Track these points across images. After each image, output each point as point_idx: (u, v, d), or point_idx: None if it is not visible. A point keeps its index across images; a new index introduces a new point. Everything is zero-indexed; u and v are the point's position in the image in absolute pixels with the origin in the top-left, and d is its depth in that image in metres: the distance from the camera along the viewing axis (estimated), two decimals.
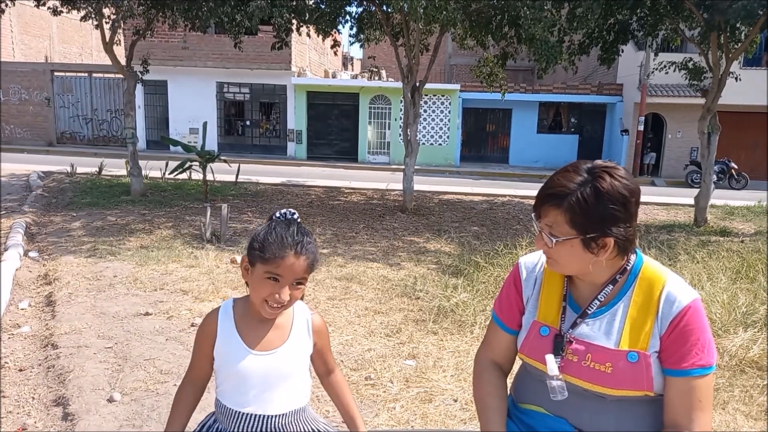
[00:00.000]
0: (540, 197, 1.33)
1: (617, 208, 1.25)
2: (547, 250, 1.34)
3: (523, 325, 1.47)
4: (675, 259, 6.47)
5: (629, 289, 1.34)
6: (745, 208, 12.06)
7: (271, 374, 1.49)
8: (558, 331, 1.37)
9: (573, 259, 1.31)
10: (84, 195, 10.19)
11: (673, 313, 1.28)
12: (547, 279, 1.45)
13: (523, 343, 1.44)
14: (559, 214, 1.27)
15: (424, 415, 3.13)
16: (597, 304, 1.35)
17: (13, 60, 21.38)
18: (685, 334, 1.26)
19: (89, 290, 5.07)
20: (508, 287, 1.52)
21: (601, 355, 1.30)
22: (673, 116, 19.39)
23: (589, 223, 1.25)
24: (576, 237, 1.27)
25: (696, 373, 1.26)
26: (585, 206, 1.25)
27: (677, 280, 1.33)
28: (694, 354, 1.26)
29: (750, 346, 3.87)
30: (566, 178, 1.29)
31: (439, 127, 20.86)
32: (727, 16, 8.54)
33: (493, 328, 1.54)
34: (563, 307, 1.39)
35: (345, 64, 33.74)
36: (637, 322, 1.30)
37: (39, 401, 3.22)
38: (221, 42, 18.46)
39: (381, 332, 4.31)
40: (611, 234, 1.26)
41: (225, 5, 9.51)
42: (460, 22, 9.30)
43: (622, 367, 1.28)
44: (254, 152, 20.69)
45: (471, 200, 12.57)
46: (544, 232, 1.32)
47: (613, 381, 1.28)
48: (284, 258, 1.41)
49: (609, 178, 1.26)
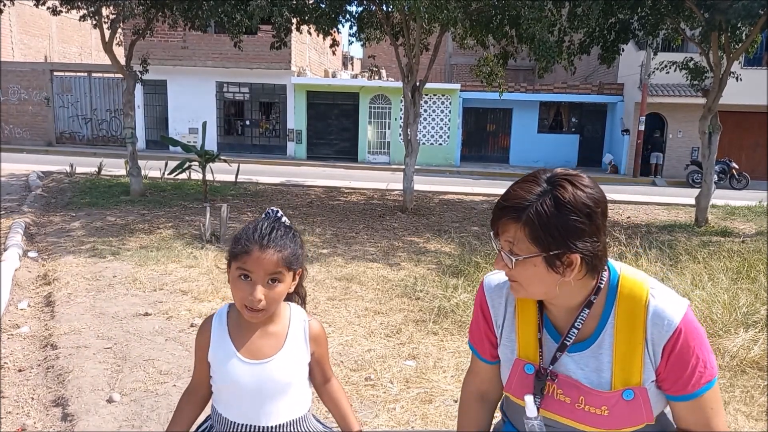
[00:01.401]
0: (496, 210, 1.19)
1: (581, 219, 1.11)
2: (508, 272, 1.20)
3: (503, 360, 1.34)
4: (676, 260, 6.46)
5: (610, 313, 1.20)
6: (746, 208, 12.05)
7: (266, 385, 1.43)
8: (538, 368, 1.25)
9: (537, 281, 1.17)
10: (83, 195, 10.18)
11: (665, 337, 1.15)
12: (521, 305, 1.30)
13: (507, 382, 1.33)
14: (519, 229, 1.14)
15: (425, 416, 3.12)
16: (575, 333, 1.21)
17: (13, 60, 21.37)
18: (684, 358, 1.16)
19: (88, 290, 5.06)
20: (477, 315, 1.39)
21: (595, 399, 1.19)
22: (674, 116, 19.38)
23: (551, 237, 1.12)
24: (538, 255, 1.13)
25: (703, 392, 1.17)
26: (546, 219, 1.11)
27: (662, 292, 1.19)
28: (698, 375, 1.16)
29: (751, 347, 3.86)
30: (524, 189, 1.15)
31: (440, 127, 20.85)
32: (728, 16, 8.53)
33: (473, 359, 1.45)
34: (539, 339, 1.27)
35: (345, 64, 33.73)
36: (626, 356, 1.18)
37: (38, 401, 3.21)
38: (221, 41, 18.45)
39: (381, 333, 4.30)
40: (576, 250, 1.12)
41: (224, 4, 9.51)
42: (461, 22, 9.29)
43: (619, 407, 1.18)
44: (254, 152, 20.68)
45: (471, 200, 12.56)
46: (504, 251, 1.18)
47: (612, 422, 1.19)
48: (250, 252, 1.36)
49: (571, 187, 1.13)
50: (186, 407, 1.55)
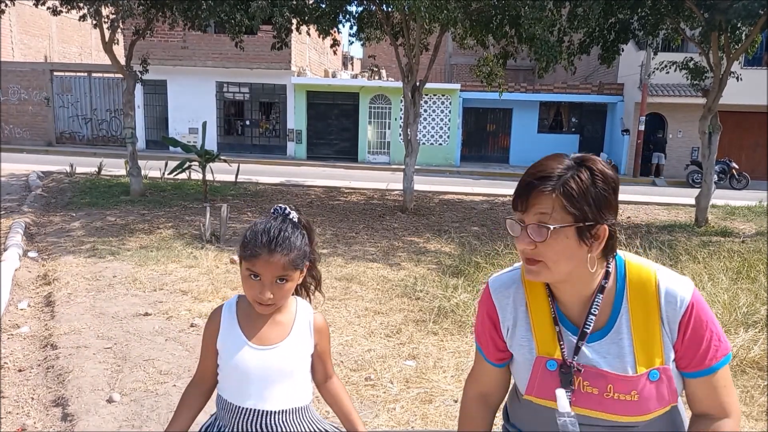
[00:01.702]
0: (526, 184, 1.17)
1: (610, 192, 1.17)
2: (532, 251, 1.17)
3: (520, 362, 1.31)
4: (676, 260, 6.47)
5: (623, 298, 1.22)
6: (746, 208, 12.05)
7: (272, 369, 1.48)
8: (562, 362, 1.23)
9: (565, 256, 1.16)
10: (83, 195, 10.18)
11: (679, 314, 1.19)
12: (532, 301, 1.29)
13: (529, 384, 1.28)
14: (555, 199, 1.14)
15: (425, 416, 3.12)
16: (593, 320, 1.22)
17: (13, 60, 21.36)
18: (699, 333, 1.19)
19: (88, 290, 5.06)
20: (482, 319, 1.37)
21: (624, 385, 1.19)
22: (674, 116, 19.38)
23: (586, 206, 1.14)
24: (572, 225, 1.14)
25: (719, 367, 1.20)
26: (582, 188, 1.14)
27: (668, 273, 1.23)
28: (714, 348, 1.19)
29: (751, 347, 3.86)
30: (554, 163, 1.18)
31: (440, 127, 20.85)
32: (728, 16, 8.54)
33: (478, 358, 1.42)
34: (558, 331, 1.25)
35: (345, 64, 33.73)
36: (646, 338, 1.20)
37: (38, 402, 3.21)
38: (221, 41, 18.46)
39: (381, 333, 4.30)
40: (606, 221, 1.16)
41: (224, 4, 9.50)
42: (461, 22, 9.29)
43: (647, 390, 1.19)
44: (254, 152, 20.68)
45: (471, 200, 12.56)
46: (531, 226, 1.16)
47: (642, 408, 1.19)
48: (258, 256, 1.42)
49: (599, 163, 1.19)
50: (191, 398, 1.59)
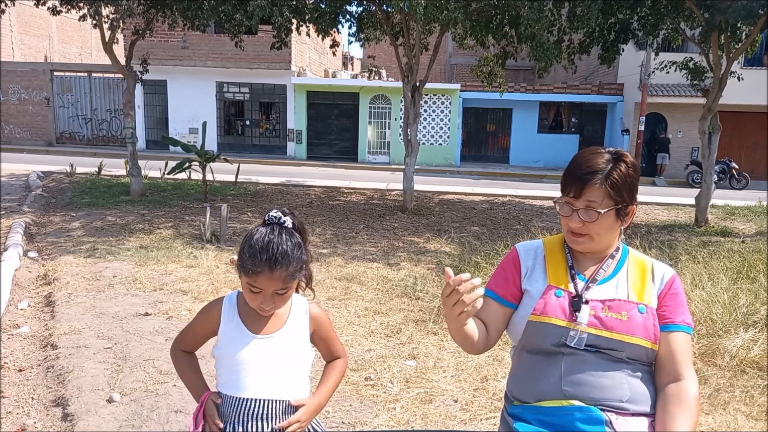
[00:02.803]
0: (579, 177, 1.48)
1: (637, 178, 1.52)
2: (581, 228, 1.49)
3: (530, 293, 1.56)
4: (676, 260, 6.46)
5: (624, 262, 1.57)
6: (746, 208, 12.04)
7: (269, 357, 1.53)
8: (574, 294, 1.50)
9: (607, 231, 1.50)
10: (83, 195, 10.18)
11: (665, 279, 1.54)
12: (550, 255, 1.60)
13: (537, 305, 1.52)
14: (602, 191, 1.46)
15: (425, 416, 3.12)
16: (602, 273, 1.53)
17: (13, 60, 21.36)
18: (675, 296, 1.52)
19: (89, 290, 5.06)
20: (506, 265, 1.65)
21: (617, 306, 1.48)
22: (674, 116, 19.38)
23: (627, 192, 1.49)
24: (614, 208, 1.48)
25: (684, 329, 1.49)
26: (624, 178, 1.48)
27: (659, 262, 1.59)
28: (683, 313, 1.50)
29: (750, 347, 3.86)
30: (597, 159, 1.49)
31: (440, 127, 20.85)
32: (727, 16, 8.53)
33: (484, 300, 1.54)
34: (572, 274, 1.54)
35: (345, 64, 33.73)
36: (638, 284, 1.52)
37: (38, 401, 3.21)
38: (221, 41, 18.46)
39: (381, 332, 4.31)
40: (635, 202, 1.53)
41: (224, 4, 9.50)
42: (461, 22, 9.29)
43: (635, 315, 1.46)
44: (254, 152, 20.68)
45: (471, 200, 12.56)
46: (581, 210, 1.47)
47: (629, 327, 1.45)
48: (259, 274, 1.46)
49: (628, 156, 1.52)
50: (191, 361, 1.69)
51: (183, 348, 1.68)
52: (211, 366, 1.68)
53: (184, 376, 1.67)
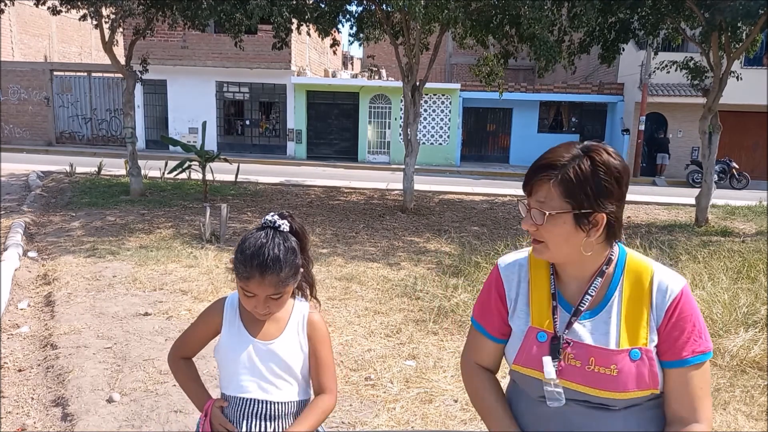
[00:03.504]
0: (532, 170, 1.27)
1: (611, 182, 1.22)
2: (534, 231, 1.28)
3: (515, 333, 1.37)
4: (676, 259, 6.46)
5: (618, 282, 1.30)
6: (746, 208, 12.04)
7: (271, 363, 1.53)
8: (553, 334, 1.30)
9: (563, 239, 1.25)
10: (83, 195, 10.18)
11: (667, 302, 1.25)
12: (534, 278, 1.37)
13: (518, 354, 1.34)
14: (553, 187, 1.23)
15: (425, 416, 3.12)
16: (589, 300, 1.29)
17: (13, 60, 21.35)
18: (681, 323, 1.25)
19: (88, 290, 5.06)
20: (488, 291, 1.43)
21: (604, 358, 1.25)
22: (674, 116, 19.37)
23: (584, 195, 1.21)
24: (569, 211, 1.22)
25: (695, 361, 1.24)
26: (581, 177, 1.21)
27: (664, 269, 1.30)
28: (693, 341, 1.24)
29: (751, 347, 3.86)
30: (560, 151, 1.26)
31: (440, 127, 20.85)
32: (726, 15, 8.54)
33: (475, 334, 1.45)
34: (554, 306, 1.32)
35: (345, 64, 33.72)
36: (633, 317, 1.26)
37: (38, 401, 3.21)
38: (221, 41, 18.45)
39: (381, 332, 4.30)
40: (603, 210, 1.22)
41: (224, 4, 9.50)
42: (461, 21, 9.29)
43: (627, 367, 1.23)
44: (254, 152, 20.67)
45: (471, 200, 12.56)
46: (534, 210, 1.26)
47: (620, 384, 1.23)
48: (250, 278, 1.45)
49: (605, 153, 1.24)
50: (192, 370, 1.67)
51: (183, 353, 1.67)
52: (211, 366, 1.69)
53: (185, 386, 1.66)
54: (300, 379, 1.58)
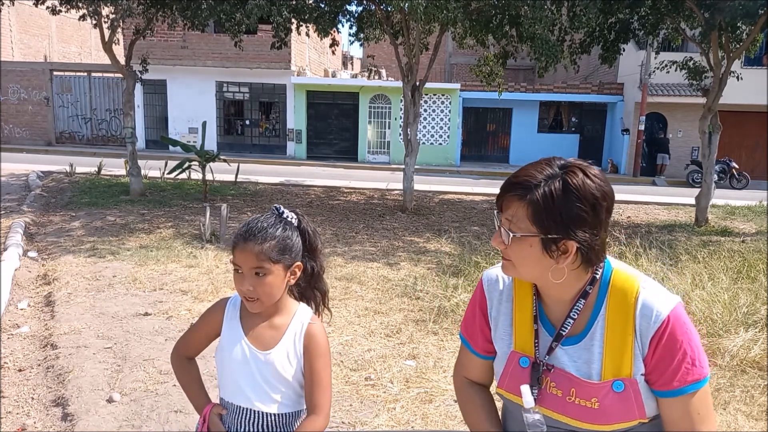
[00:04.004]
0: (504, 186, 1.21)
1: (585, 209, 1.12)
2: (503, 249, 1.21)
3: (498, 355, 1.32)
4: (676, 259, 6.46)
5: (602, 306, 1.20)
6: (746, 208, 12.05)
7: (267, 373, 1.49)
8: (534, 360, 1.24)
9: (530, 262, 1.17)
10: (83, 195, 10.18)
11: (653, 328, 1.15)
12: (518, 298, 1.30)
13: (501, 377, 1.30)
14: (521, 207, 1.15)
15: (425, 416, 3.12)
16: (571, 323, 1.21)
17: (12, 59, 21.35)
18: (670, 350, 1.14)
19: (88, 290, 5.06)
20: (473, 308, 1.38)
21: (585, 390, 1.18)
22: (674, 116, 19.38)
23: (551, 221, 1.13)
24: (536, 235, 1.14)
25: (689, 390, 1.15)
26: (550, 201, 1.12)
27: (652, 287, 1.19)
28: (684, 370, 1.14)
29: (751, 347, 3.86)
30: (536, 169, 1.17)
31: (440, 127, 20.85)
32: (725, 15, 8.54)
33: (463, 349, 1.43)
34: (535, 330, 1.26)
35: (345, 64, 33.72)
36: (616, 346, 1.17)
37: (38, 401, 3.21)
38: (221, 41, 18.45)
39: (381, 332, 4.30)
40: (574, 238, 1.13)
41: (224, 4, 9.50)
42: (461, 21, 9.29)
43: (609, 400, 1.16)
44: (254, 152, 20.67)
45: (471, 200, 12.56)
46: (503, 227, 1.19)
47: (602, 417, 1.17)
48: (236, 246, 1.45)
49: (582, 175, 1.14)
50: (193, 371, 1.65)
51: (186, 352, 1.65)
52: (211, 366, 1.68)
53: (186, 388, 1.64)
54: (297, 390, 1.54)
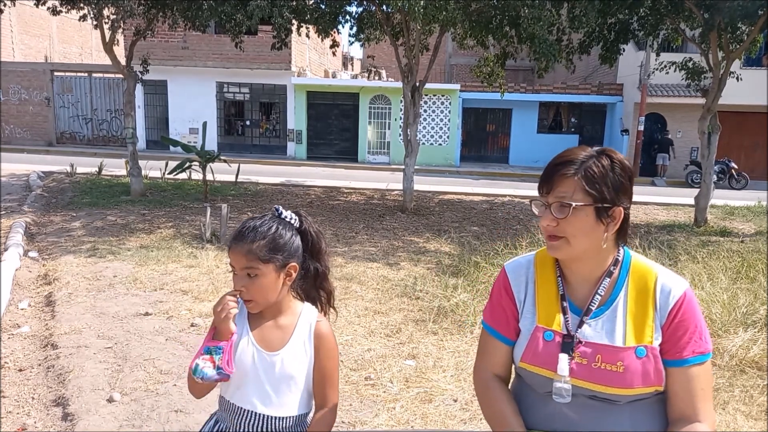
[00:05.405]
0: (551, 168, 1.33)
1: (626, 179, 1.32)
2: (554, 228, 1.32)
3: (522, 333, 1.40)
4: (675, 260, 6.47)
5: (624, 283, 1.35)
6: (746, 208, 12.05)
7: (272, 375, 1.48)
8: (566, 333, 1.34)
9: (583, 234, 1.30)
10: (84, 195, 10.19)
11: (671, 303, 1.31)
12: (541, 280, 1.42)
13: (525, 351, 1.38)
14: (574, 182, 1.30)
15: (424, 416, 3.13)
16: (598, 299, 1.34)
17: (13, 60, 21.37)
18: (684, 324, 1.30)
19: (89, 290, 5.06)
20: (498, 294, 1.47)
21: (611, 355, 1.29)
22: (674, 116, 19.38)
23: (605, 188, 1.29)
24: (591, 204, 1.29)
25: (696, 361, 1.29)
26: (602, 172, 1.29)
27: (667, 272, 1.36)
28: (694, 342, 1.29)
29: (750, 347, 3.87)
30: (576, 151, 1.33)
31: (439, 127, 20.86)
32: (725, 15, 8.55)
33: (489, 339, 1.47)
34: (563, 306, 1.36)
35: (345, 64, 33.73)
36: (638, 316, 1.32)
37: (39, 401, 3.22)
38: (221, 42, 18.46)
39: (381, 332, 4.31)
40: (621, 204, 1.31)
41: (225, 4, 9.51)
42: (460, 22, 9.29)
43: (633, 364, 1.28)
44: (254, 152, 20.68)
45: (471, 200, 12.56)
46: (554, 204, 1.31)
47: (626, 380, 1.28)
48: (229, 247, 1.48)
49: (618, 153, 1.34)
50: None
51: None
52: None
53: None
54: (303, 391, 1.51)
